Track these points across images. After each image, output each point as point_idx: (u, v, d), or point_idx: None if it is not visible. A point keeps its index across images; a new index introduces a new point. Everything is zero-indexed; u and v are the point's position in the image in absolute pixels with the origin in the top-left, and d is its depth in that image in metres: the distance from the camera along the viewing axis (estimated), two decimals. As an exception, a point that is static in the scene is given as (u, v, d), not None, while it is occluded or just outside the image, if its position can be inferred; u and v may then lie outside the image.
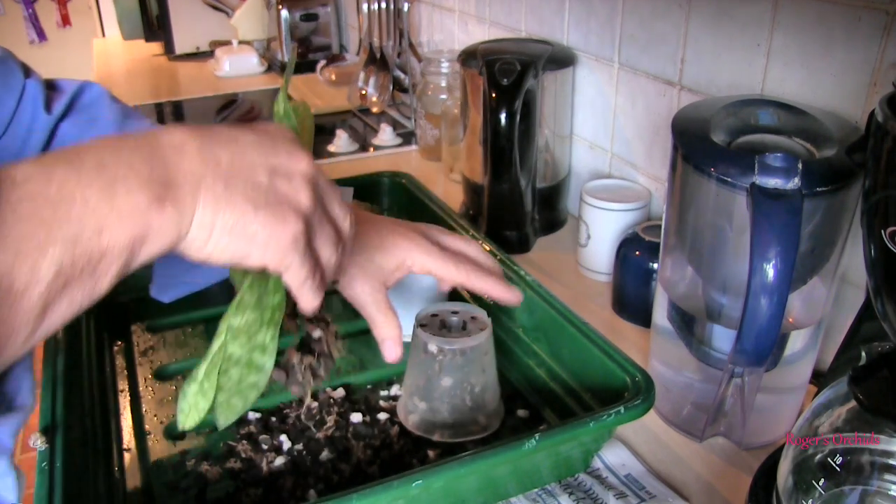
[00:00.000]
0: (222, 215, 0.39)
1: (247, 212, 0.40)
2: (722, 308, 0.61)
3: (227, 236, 0.39)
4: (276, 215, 0.40)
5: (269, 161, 0.41)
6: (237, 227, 0.39)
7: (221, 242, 0.40)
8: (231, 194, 0.39)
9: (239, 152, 0.40)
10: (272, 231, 0.40)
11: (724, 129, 0.59)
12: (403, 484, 0.50)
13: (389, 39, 1.50)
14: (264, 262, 0.41)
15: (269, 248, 0.41)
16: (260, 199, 0.40)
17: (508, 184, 0.95)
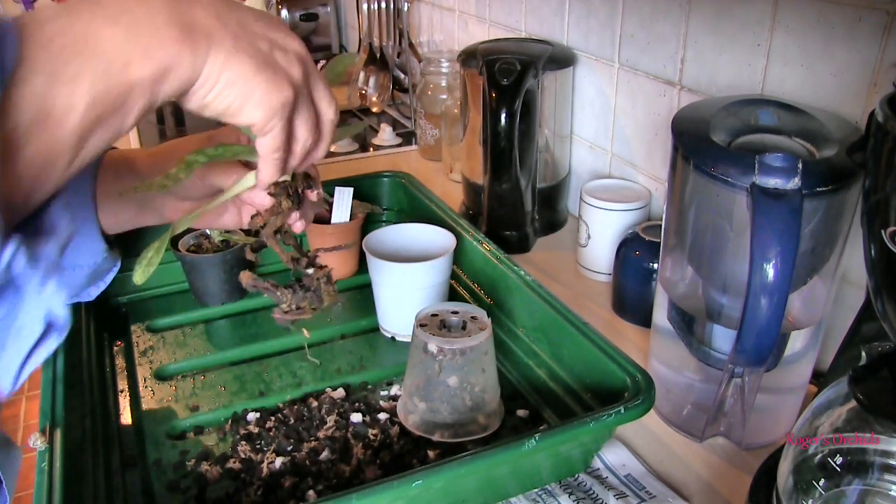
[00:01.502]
0: (229, 68, 0.42)
1: (249, 70, 0.43)
2: (722, 308, 0.61)
3: (229, 88, 0.43)
4: (273, 79, 0.44)
5: (269, 34, 0.45)
6: (239, 82, 0.43)
7: (224, 92, 0.43)
8: (238, 52, 0.43)
9: (244, 20, 0.44)
10: (267, 92, 0.44)
11: (724, 129, 0.59)
12: (403, 484, 0.50)
13: (389, 39, 1.50)
14: (252, 120, 0.45)
15: (260, 107, 0.44)
16: (261, 62, 0.44)
17: (508, 184, 0.95)
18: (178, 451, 0.66)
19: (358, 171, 1.07)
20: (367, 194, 1.00)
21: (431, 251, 0.82)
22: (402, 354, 0.73)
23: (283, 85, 0.45)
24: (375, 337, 0.83)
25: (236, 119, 0.45)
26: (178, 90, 0.41)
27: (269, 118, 0.45)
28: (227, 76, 0.42)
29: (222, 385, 0.75)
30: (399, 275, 0.78)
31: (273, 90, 0.44)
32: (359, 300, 0.90)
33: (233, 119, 0.45)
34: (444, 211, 0.92)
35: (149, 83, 0.39)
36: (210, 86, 0.42)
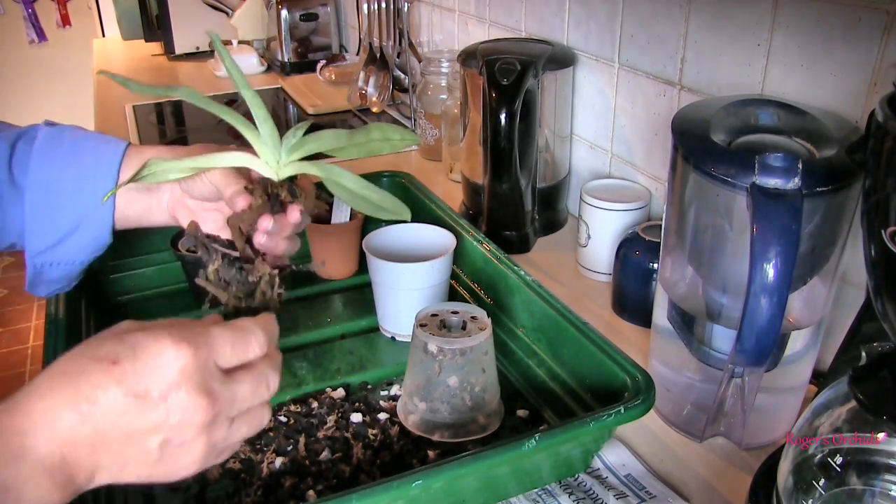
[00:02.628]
0: (120, 480, 0.43)
1: (140, 478, 0.43)
2: (722, 308, 0.61)
3: (125, 482, 0.43)
4: (170, 472, 0.44)
5: (160, 430, 0.42)
6: (134, 481, 0.43)
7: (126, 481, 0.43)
8: (123, 470, 0.43)
9: (128, 432, 0.41)
10: (168, 479, 0.44)
11: (724, 129, 0.59)
12: (403, 484, 0.50)
13: (389, 39, 1.50)
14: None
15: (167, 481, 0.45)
16: (151, 466, 0.43)
17: (508, 184, 0.95)
18: (178, 451, 0.66)
19: (358, 171, 1.06)
20: (367, 194, 1.00)
21: (431, 251, 0.82)
22: (402, 354, 0.73)
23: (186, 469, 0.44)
24: (375, 337, 0.83)
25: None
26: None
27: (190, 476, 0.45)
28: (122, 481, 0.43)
29: (222, 385, 0.75)
30: (399, 275, 0.78)
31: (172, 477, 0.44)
32: (359, 300, 0.90)
33: None
34: (444, 211, 0.92)
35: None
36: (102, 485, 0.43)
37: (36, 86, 3.66)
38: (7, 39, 3.56)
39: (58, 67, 3.66)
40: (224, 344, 0.45)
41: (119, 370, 0.41)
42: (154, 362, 0.42)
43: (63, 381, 0.41)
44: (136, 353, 0.42)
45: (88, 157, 0.65)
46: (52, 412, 0.40)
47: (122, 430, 0.41)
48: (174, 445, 0.43)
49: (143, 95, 1.92)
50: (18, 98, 3.63)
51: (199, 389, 0.43)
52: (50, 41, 3.62)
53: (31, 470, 0.39)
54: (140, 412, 0.41)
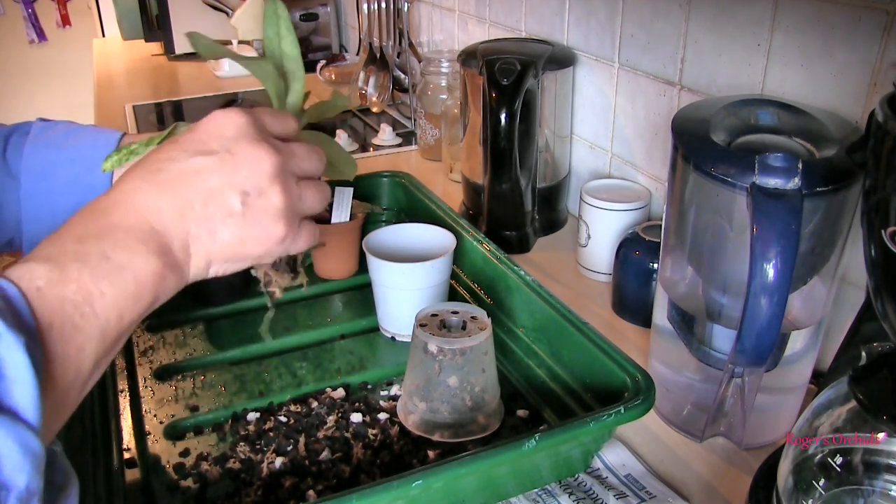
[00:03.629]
0: (215, 256, 0.44)
1: (234, 243, 0.44)
2: (722, 308, 0.61)
3: (224, 265, 0.45)
4: (261, 234, 0.45)
5: (235, 182, 0.44)
6: (231, 257, 0.45)
7: (221, 269, 0.45)
8: (214, 235, 0.43)
9: (206, 189, 0.43)
10: (261, 247, 0.45)
11: (724, 129, 0.59)
12: (403, 484, 0.50)
13: (389, 39, 1.50)
14: (266, 261, 0.47)
15: (263, 258, 0.46)
16: (240, 225, 0.44)
17: (508, 184, 0.95)
18: (178, 451, 0.66)
19: (358, 171, 1.06)
20: (367, 194, 1.00)
21: (431, 251, 0.82)
22: (402, 354, 0.73)
23: (271, 227, 0.45)
24: (375, 337, 0.83)
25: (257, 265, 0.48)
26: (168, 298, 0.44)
27: (276, 254, 0.46)
28: (217, 261, 0.44)
29: (222, 385, 0.75)
30: (399, 275, 0.78)
31: (265, 241, 0.45)
32: (359, 300, 0.90)
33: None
34: (444, 211, 0.92)
35: (142, 315, 0.43)
36: (205, 273, 0.45)
37: (36, 86, 3.66)
38: (7, 39, 3.56)
39: (58, 67, 3.66)
40: (266, 114, 0.48)
41: (181, 140, 0.44)
42: (210, 126, 0.45)
43: (135, 169, 0.43)
44: (194, 128, 0.45)
45: (83, 142, 0.64)
46: (131, 190, 0.42)
47: (199, 190, 0.43)
48: (254, 197, 0.44)
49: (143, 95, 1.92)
50: (18, 98, 3.63)
51: (259, 139, 0.45)
52: (50, 41, 3.63)
53: (124, 239, 0.41)
54: (210, 168, 0.43)
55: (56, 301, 0.37)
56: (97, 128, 0.67)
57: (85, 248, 0.40)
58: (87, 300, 0.39)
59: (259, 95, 1.84)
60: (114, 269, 0.40)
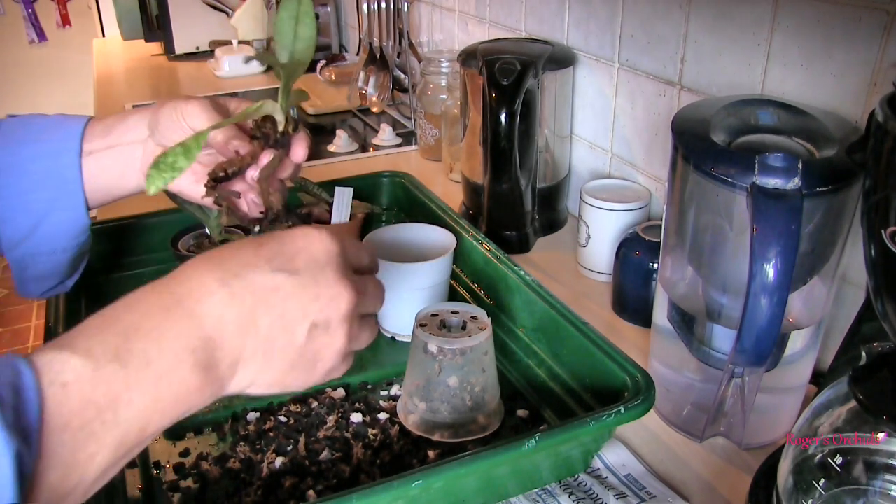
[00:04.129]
0: (259, 379, 0.41)
1: (283, 370, 0.41)
2: (722, 308, 0.61)
3: (264, 389, 0.42)
4: (310, 368, 0.43)
5: (309, 312, 0.41)
6: (274, 383, 0.42)
7: (259, 391, 0.42)
8: (268, 362, 0.41)
9: (279, 311, 0.40)
10: (305, 381, 0.43)
11: (724, 129, 0.59)
12: (403, 484, 0.50)
13: (389, 39, 1.50)
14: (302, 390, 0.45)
15: (305, 386, 0.44)
16: (296, 357, 0.41)
17: (508, 184, 0.95)
18: (178, 452, 0.66)
19: (358, 171, 1.07)
20: (367, 194, 1.00)
21: (431, 251, 0.82)
22: (402, 354, 0.73)
23: (320, 366, 0.43)
24: (375, 337, 0.83)
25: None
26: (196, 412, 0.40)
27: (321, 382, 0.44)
28: (259, 384, 0.41)
29: (222, 385, 0.75)
30: (399, 275, 0.78)
31: (312, 376, 0.43)
32: (359, 300, 0.90)
33: None
34: (444, 211, 0.92)
35: (166, 426, 0.38)
36: (242, 391, 0.41)
37: (36, 86, 3.66)
38: (7, 39, 3.56)
39: (58, 67, 3.66)
40: (348, 242, 0.46)
41: (267, 250, 0.41)
42: (301, 243, 0.42)
43: (211, 263, 0.40)
44: (281, 239, 0.42)
45: (49, 133, 0.63)
46: (202, 288, 0.39)
47: (270, 309, 0.40)
48: (320, 331, 0.42)
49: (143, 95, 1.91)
50: (18, 98, 3.63)
51: (344, 272, 0.43)
52: (50, 41, 3.62)
53: (174, 345, 0.37)
54: (290, 289, 0.40)
55: (79, 402, 0.34)
56: (65, 116, 0.65)
57: (130, 346, 0.37)
58: (113, 405, 0.35)
59: (259, 95, 1.84)
60: (152, 377, 0.37)
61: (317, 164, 1.34)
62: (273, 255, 0.41)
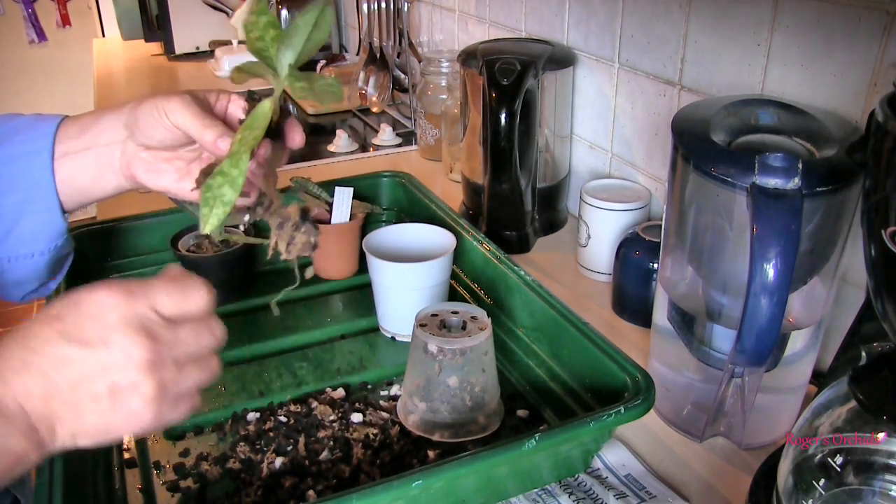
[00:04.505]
0: (80, 434, 0.43)
1: (99, 426, 0.44)
2: (722, 308, 0.61)
3: (91, 440, 0.44)
4: (126, 420, 0.44)
5: (106, 373, 0.43)
6: (97, 436, 0.44)
7: (90, 442, 0.44)
8: (81, 417, 0.43)
9: (75, 378, 0.43)
10: (127, 430, 0.45)
11: (724, 129, 0.59)
12: (403, 484, 0.50)
13: (389, 39, 1.50)
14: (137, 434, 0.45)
15: (134, 431, 0.45)
16: (106, 411, 0.43)
17: (508, 184, 0.95)
18: (178, 451, 0.66)
19: (358, 171, 1.07)
20: (367, 194, 1.00)
21: (431, 251, 0.82)
22: (402, 354, 0.73)
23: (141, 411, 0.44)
24: (375, 337, 0.83)
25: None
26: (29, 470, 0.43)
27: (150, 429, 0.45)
28: (81, 439, 0.44)
29: (222, 385, 0.75)
30: (399, 275, 0.78)
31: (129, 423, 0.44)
32: (359, 300, 0.90)
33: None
34: (444, 211, 0.92)
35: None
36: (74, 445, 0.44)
37: (36, 86, 3.66)
38: (7, 39, 3.56)
39: (58, 67, 3.66)
40: (162, 292, 0.46)
41: (60, 324, 0.44)
42: (93, 311, 0.44)
43: (13, 343, 0.43)
44: (77, 307, 0.44)
45: (22, 134, 0.62)
46: (7, 366, 0.42)
47: (69, 378, 0.43)
48: (123, 387, 0.43)
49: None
50: (18, 98, 3.63)
51: (138, 329, 0.44)
52: (50, 41, 3.62)
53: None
54: (83, 357, 0.43)
55: None
56: (39, 116, 0.64)
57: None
58: None
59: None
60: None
61: (317, 164, 1.34)
62: (65, 328, 0.44)
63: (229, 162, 0.51)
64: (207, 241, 0.89)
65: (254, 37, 0.53)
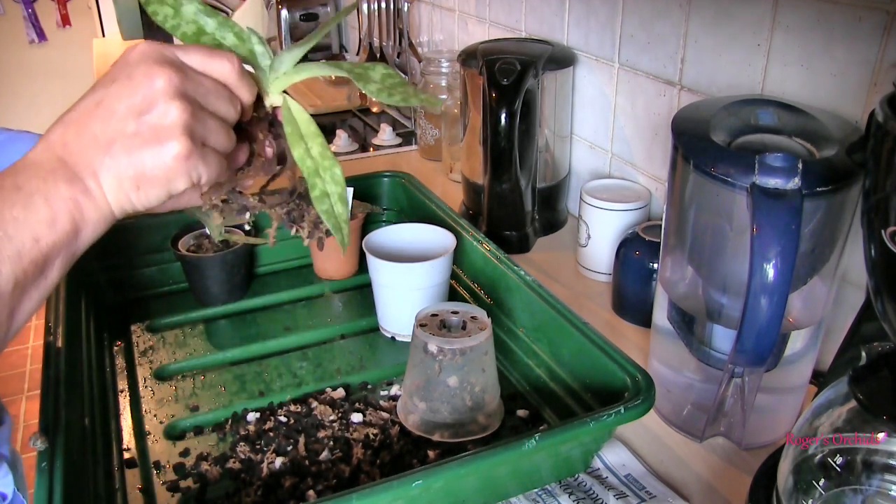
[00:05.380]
0: (122, 179, 0.44)
1: (136, 162, 0.44)
2: (722, 308, 0.61)
3: (138, 190, 0.45)
4: (159, 147, 0.44)
5: (132, 103, 0.44)
6: (140, 179, 0.45)
7: (140, 196, 0.45)
8: (117, 159, 0.44)
9: (105, 115, 0.44)
10: (162, 164, 0.45)
11: (724, 129, 0.59)
12: (403, 484, 0.50)
13: (389, 39, 1.50)
14: (180, 187, 0.46)
15: (173, 176, 0.45)
16: (138, 143, 0.44)
17: (508, 184, 0.95)
18: (178, 451, 0.66)
19: (358, 171, 1.07)
20: (367, 194, 1.00)
21: (431, 251, 0.82)
22: (402, 354, 0.73)
23: (169, 143, 0.44)
24: (375, 337, 0.83)
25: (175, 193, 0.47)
26: (98, 229, 0.45)
27: (188, 175, 0.46)
28: (127, 185, 0.45)
29: (222, 385, 0.75)
30: (399, 275, 0.78)
31: (167, 157, 0.45)
32: (359, 300, 0.90)
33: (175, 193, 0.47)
34: (444, 211, 0.92)
35: (64, 244, 0.44)
36: (125, 199, 0.45)
37: (36, 86, 3.66)
38: (7, 39, 3.56)
39: (58, 67, 3.66)
40: (190, 48, 0.47)
41: (95, 84, 0.46)
42: (119, 59, 0.46)
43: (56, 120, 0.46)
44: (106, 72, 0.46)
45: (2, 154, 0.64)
46: (46, 133, 0.45)
47: (99, 118, 0.44)
48: (150, 115, 0.44)
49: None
50: (18, 98, 3.63)
51: (161, 61, 0.45)
52: (50, 41, 3.62)
53: (35, 171, 0.43)
54: (110, 95, 0.45)
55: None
56: (10, 136, 0.66)
57: (0, 182, 0.43)
58: (1, 226, 0.41)
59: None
60: (25, 196, 0.42)
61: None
62: (98, 82, 0.46)
63: (321, 181, 0.51)
64: (207, 242, 0.89)
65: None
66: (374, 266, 0.80)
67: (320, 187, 0.51)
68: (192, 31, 0.52)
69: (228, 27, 0.54)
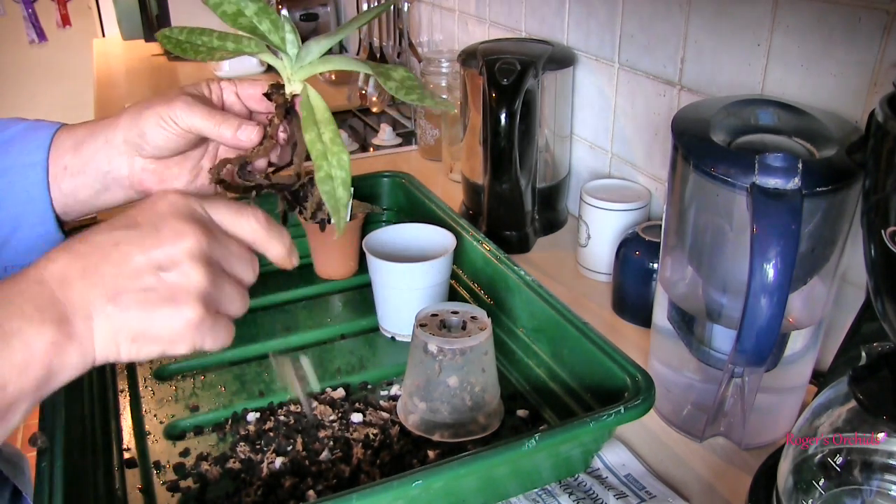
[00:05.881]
0: (120, 330, 0.41)
1: (141, 318, 0.41)
2: (722, 308, 0.61)
3: (132, 343, 0.41)
4: (172, 310, 0.42)
5: (154, 257, 0.41)
6: (139, 335, 0.41)
7: (131, 349, 0.41)
8: (122, 310, 0.41)
9: (121, 260, 0.41)
10: (171, 327, 0.42)
11: (724, 129, 0.59)
12: (403, 484, 0.50)
13: (389, 39, 1.50)
14: (179, 351, 0.43)
15: (177, 340, 0.42)
16: (152, 300, 0.41)
17: (508, 184, 0.95)
18: (178, 451, 0.66)
19: (358, 171, 1.06)
20: (367, 194, 1.00)
21: (431, 251, 0.82)
22: (402, 354, 0.73)
23: (184, 307, 0.42)
24: (375, 337, 0.83)
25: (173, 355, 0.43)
26: (74, 376, 0.41)
27: (193, 340, 0.43)
28: (123, 337, 0.41)
29: (222, 385, 0.75)
30: (399, 275, 0.78)
31: (177, 320, 0.42)
32: (359, 300, 0.90)
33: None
34: (444, 211, 0.92)
35: (30, 393, 0.39)
36: (115, 351, 0.41)
37: (36, 86, 3.66)
38: (7, 39, 3.56)
39: (58, 67, 3.66)
40: (219, 203, 0.45)
41: (116, 218, 0.43)
42: (146, 203, 0.43)
43: (62, 245, 0.42)
44: (131, 207, 0.44)
45: (15, 145, 0.60)
46: (46, 259, 0.41)
47: (114, 261, 0.41)
48: (171, 273, 0.41)
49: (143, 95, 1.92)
50: (18, 98, 3.63)
51: (189, 219, 0.43)
52: (50, 41, 3.62)
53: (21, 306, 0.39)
54: (130, 240, 0.41)
55: None
56: (35, 123, 0.62)
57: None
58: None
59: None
60: (2, 336, 0.38)
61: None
62: (117, 220, 0.43)
63: (327, 164, 0.51)
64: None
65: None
66: (374, 266, 0.80)
67: (325, 170, 0.51)
68: (231, 10, 0.52)
69: (266, 14, 0.54)
